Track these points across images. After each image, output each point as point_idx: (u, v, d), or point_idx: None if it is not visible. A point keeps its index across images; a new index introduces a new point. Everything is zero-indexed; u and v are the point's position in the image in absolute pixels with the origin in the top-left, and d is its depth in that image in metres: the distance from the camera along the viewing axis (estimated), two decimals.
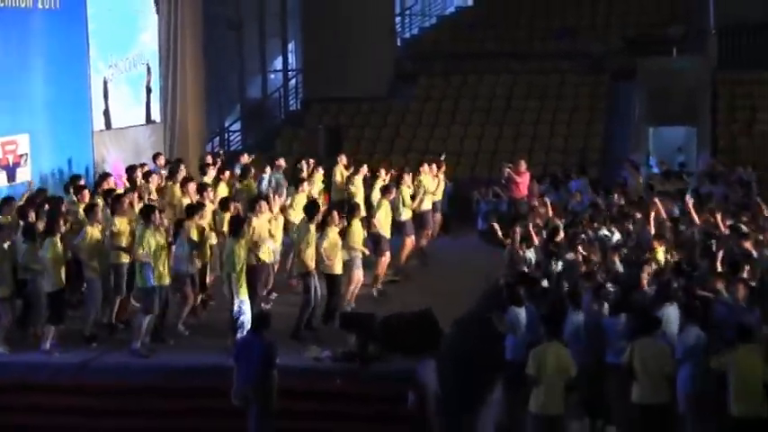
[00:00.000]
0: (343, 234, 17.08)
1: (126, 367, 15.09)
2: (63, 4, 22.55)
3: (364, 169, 21.34)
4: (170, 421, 14.48)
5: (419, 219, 20.85)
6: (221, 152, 26.56)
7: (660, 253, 16.52)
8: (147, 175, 19.89)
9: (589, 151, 29.10)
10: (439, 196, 22.18)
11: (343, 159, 22.38)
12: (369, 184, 21.01)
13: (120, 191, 18.27)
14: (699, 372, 12.87)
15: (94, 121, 24.06)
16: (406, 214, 20.13)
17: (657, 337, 13.01)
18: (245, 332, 14.28)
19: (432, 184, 21.54)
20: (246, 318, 14.76)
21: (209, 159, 21.96)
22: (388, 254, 19.00)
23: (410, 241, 20.30)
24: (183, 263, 16.11)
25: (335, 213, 16.88)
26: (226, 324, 15.37)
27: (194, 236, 16.35)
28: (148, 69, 26.45)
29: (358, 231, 17.51)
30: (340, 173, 21.90)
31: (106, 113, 24.71)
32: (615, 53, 32.41)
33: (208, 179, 19.99)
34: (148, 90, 26.52)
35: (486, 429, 14.64)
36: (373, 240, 18.75)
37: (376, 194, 19.80)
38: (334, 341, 15.36)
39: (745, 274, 14.75)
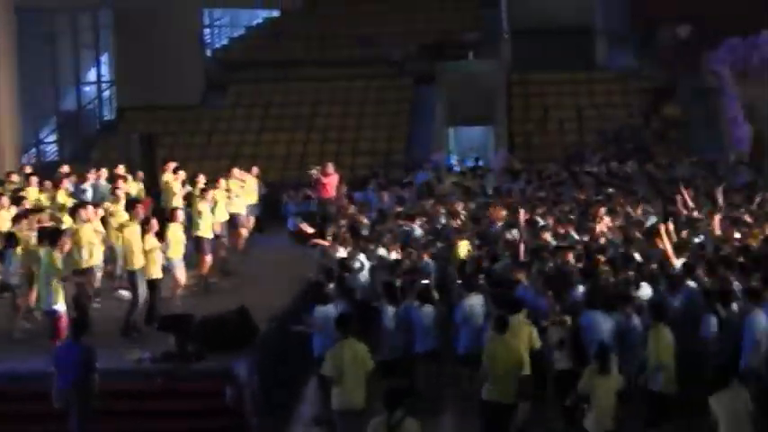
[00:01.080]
0: (163, 238, 17.53)
1: None
2: None
3: (182, 174, 21.89)
4: None
5: (231, 220, 21.53)
6: (33, 162, 26.58)
7: (463, 247, 17.52)
8: None
9: (393, 153, 30.25)
10: (254, 199, 22.89)
11: (170, 166, 22.48)
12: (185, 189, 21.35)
13: None
14: None
15: None
16: (220, 218, 20.69)
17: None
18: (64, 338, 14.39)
19: (238, 188, 22.14)
20: (65, 324, 14.80)
21: (29, 170, 22.04)
22: (210, 255, 19.57)
23: (224, 243, 20.93)
24: (12, 274, 16.55)
25: (153, 220, 17.20)
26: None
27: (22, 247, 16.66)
28: None
29: (176, 235, 17.93)
30: (168, 179, 22.03)
31: None
32: (416, 59, 33.51)
33: (31, 191, 20.13)
34: None
35: (302, 422, 15.15)
36: (195, 242, 19.27)
37: (195, 199, 20.08)
38: (155, 343, 15.50)
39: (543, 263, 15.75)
